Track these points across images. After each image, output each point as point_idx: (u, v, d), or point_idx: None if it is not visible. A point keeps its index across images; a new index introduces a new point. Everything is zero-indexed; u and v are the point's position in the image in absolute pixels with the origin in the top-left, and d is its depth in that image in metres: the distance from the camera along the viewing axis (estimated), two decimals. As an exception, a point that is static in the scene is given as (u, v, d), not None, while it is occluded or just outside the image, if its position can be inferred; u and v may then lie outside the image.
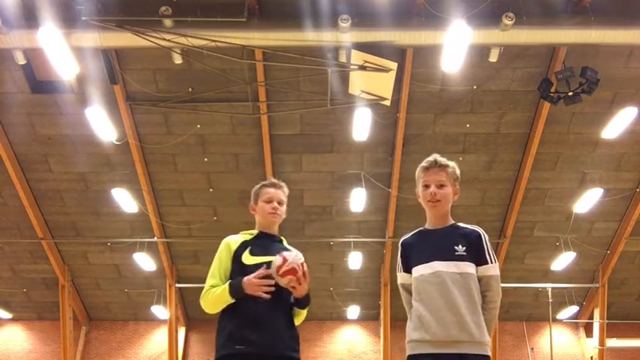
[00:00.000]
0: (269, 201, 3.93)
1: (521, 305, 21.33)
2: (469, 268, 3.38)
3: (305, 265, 3.61)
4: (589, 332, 21.65)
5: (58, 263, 19.42)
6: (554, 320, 20.23)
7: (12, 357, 21.81)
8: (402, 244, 3.64)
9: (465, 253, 3.39)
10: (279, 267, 3.54)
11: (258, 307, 3.57)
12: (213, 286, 3.72)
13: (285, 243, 3.99)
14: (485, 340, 3.31)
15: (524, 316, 21.86)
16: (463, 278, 3.36)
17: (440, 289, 3.34)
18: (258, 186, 4.04)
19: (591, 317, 21.07)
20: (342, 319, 22.02)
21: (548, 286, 18.55)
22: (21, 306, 21.41)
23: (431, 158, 3.61)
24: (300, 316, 3.86)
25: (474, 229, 3.50)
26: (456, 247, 3.40)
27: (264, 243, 3.86)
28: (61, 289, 19.89)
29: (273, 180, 4.06)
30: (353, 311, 21.62)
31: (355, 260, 19.16)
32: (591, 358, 21.34)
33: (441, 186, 3.53)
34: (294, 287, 3.58)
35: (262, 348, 3.54)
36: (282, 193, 3.99)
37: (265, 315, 3.60)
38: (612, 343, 20.71)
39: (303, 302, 3.75)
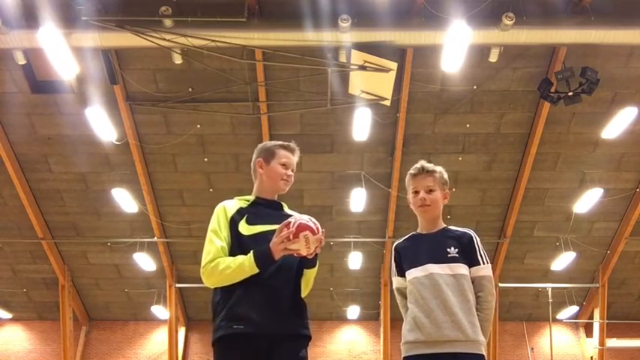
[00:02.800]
0: (285, 166, 3.51)
1: (521, 305, 21.33)
2: (462, 269, 3.46)
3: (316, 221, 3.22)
4: (589, 332, 21.65)
5: (58, 263, 19.42)
6: (554, 320, 20.22)
7: (12, 357, 21.81)
8: (396, 248, 3.72)
9: (457, 255, 3.48)
10: (287, 232, 3.11)
11: (258, 279, 3.15)
12: (215, 258, 3.20)
13: (286, 209, 3.57)
14: (480, 339, 3.37)
15: (524, 316, 21.86)
16: (456, 279, 3.43)
17: (433, 291, 3.42)
18: (271, 144, 3.58)
19: (591, 317, 21.07)
20: (342, 319, 22.02)
21: (548, 286, 18.54)
22: (21, 306, 21.41)
23: (418, 165, 3.69)
24: (308, 279, 3.44)
25: (465, 232, 3.58)
26: (448, 250, 3.49)
27: (262, 211, 3.42)
28: (61, 289, 19.89)
29: (291, 144, 3.61)
30: (353, 311, 21.62)
31: (355, 260, 19.17)
32: (591, 358, 21.34)
33: (429, 191, 3.62)
34: (310, 250, 3.16)
35: (264, 327, 3.13)
36: (296, 160, 3.61)
37: (266, 287, 3.18)
38: (612, 343, 20.71)
39: (311, 261, 3.33)
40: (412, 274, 3.53)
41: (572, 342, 22.31)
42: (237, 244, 3.27)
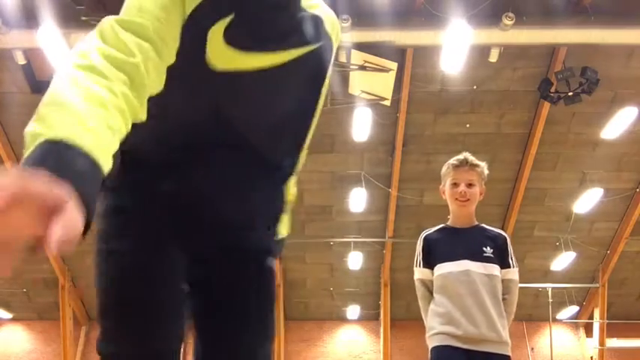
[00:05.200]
0: None
1: (521, 305, 21.06)
2: (495, 270, 3.46)
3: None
4: (589, 332, 21.64)
5: (58, 263, 19.41)
6: (554, 320, 20.21)
7: (12, 357, 21.81)
8: (426, 238, 3.62)
9: (492, 255, 3.46)
10: None
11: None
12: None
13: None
14: (509, 341, 3.42)
15: (524, 316, 21.81)
16: (490, 280, 3.42)
17: (469, 288, 3.37)
18: None
19: (591, 317, 21.07)
20: (342, 319, 22.01)
21: (548, 286, 18.52)
22: (21, 306, 21.40)
23: (461, 157, 3.67)
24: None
25: (500, 233, 3.61)
26: (484, 249, 3.46)
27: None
28: (61, 289, 19.88)
29: None
30: (353, 311, 21.61)
31: (355, 260, 19.16)
32: (591, 358, 21.33)
33: (470, 185, 3.56)
34: None
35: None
36: None
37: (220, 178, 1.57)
38: (612, 343, 20.71)
39: None
40: (446, 267, 3.45)
41: (572, 342, 22.30)
42: (202, 80, 1.46)
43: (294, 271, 19.06)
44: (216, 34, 1.39)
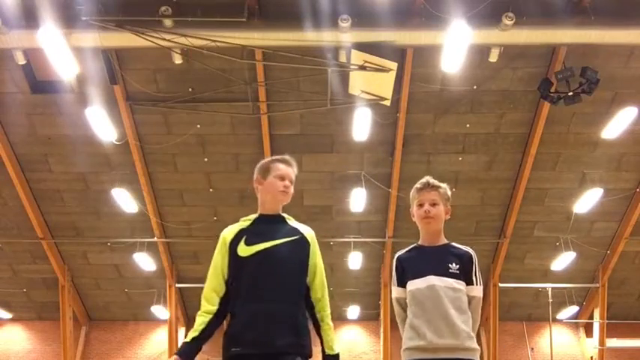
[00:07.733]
0: (282, 178, 3.57)
1: (521, 305, 21.32)
2: (460, 285, 3.64)
3: None
4: (589, 332, 21.65)
5: (58, 263, 19.42)
6: (554, 320, 20.22)
7: (12, 357, 21.81)
8: (398, 258, 3.84)
9: (457, 272, 3.66)
10: None
11: (258, 303, 3.35)
12: (207, 296, 3.54)
13: (291, 221, 3.67)
14: (476, 347, 3.59)
15: (524, 316, 21.85)
16: (455, 292, 3.61)
17: (434, 301, 3.58)
18: (266, 160, 3.69)
19: (591, 317, 21.07)
20: (342, 319, 22.01)
21: (548, 286, 18.55)
22: (21, 306, 21.41)
23: (424, 180, 3.86)
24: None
25: (466, 251, 3.76)
26: (450, 265, 3.66)
27: (263, 228, 3.53)
28: (61, 289, 19.88)
29: (286, 157, 3.68)
30: (353, 311, 21.62)
31: (355, 260, 19.16)
32: (591, 358, 21.34)
33: (433, 204, 3.76)
34: None
35: (259, 347, 3.31)
36: (293, 172, 3.65)
37: (264, 310, 3.34)
38: (612, 343, 20.71)
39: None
40: (414, 284, 3.66)
41: (572, 342, 22.31)
42: (238, 267, 3.45)
43: (294, 271, 19.06)
44: (242, 242, 3.50)
